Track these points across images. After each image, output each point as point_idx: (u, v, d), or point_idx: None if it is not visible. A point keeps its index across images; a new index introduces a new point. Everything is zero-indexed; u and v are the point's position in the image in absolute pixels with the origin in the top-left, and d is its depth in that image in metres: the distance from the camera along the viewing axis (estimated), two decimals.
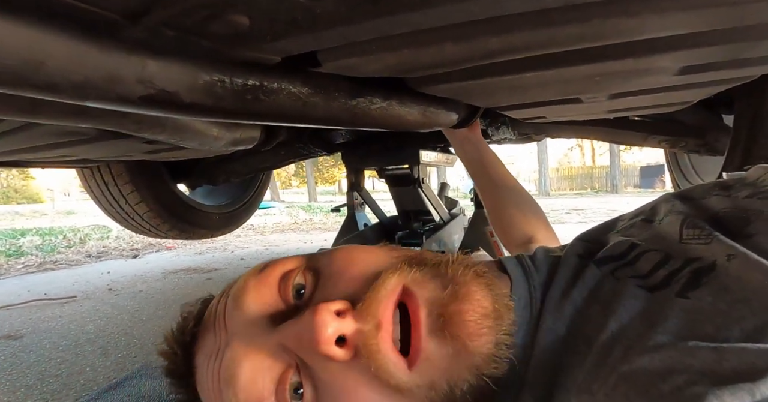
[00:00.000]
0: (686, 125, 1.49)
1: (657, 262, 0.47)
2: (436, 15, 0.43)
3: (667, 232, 0.52)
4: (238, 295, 0.50)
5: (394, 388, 0.42)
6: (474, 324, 0.42)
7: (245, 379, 0.44)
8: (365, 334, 0.42)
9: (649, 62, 0.68)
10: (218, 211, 2.52)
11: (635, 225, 0.59)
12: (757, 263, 0.40)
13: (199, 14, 0.40)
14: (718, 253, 0.43)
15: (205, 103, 0.61)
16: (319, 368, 0.43)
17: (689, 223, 0.50)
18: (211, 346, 0.50)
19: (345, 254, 0.52)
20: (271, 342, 0.45)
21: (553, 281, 0.52)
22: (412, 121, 0.92)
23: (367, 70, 0.62)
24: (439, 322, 0.42)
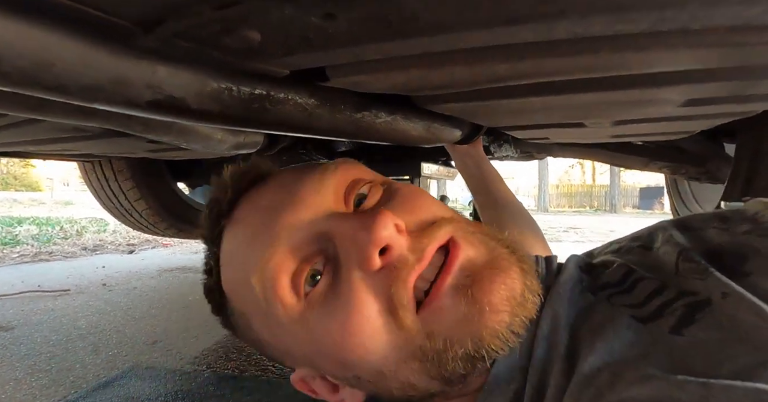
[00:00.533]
0: (688, 153, 1.50)
1: (652, 291, 0.48)
2: (449, 40, 0.43)
3: (664, 262, 0.53)
4: (322, 173, 0.53)
5: (399, 320, 0.43)
6: (499, 297, 0.43)
7: (280, 245, 0.46)
8: (405, 259, 0.43)
9: (654, 94, 0.69)
10: None
11: (632, 250, 0.60)
12: (751, 304, 0.40)
13: (213, 28, 0.40)
14: (713, 290, 0.44)
15: (211, 109, 0.61)
16: (346, 268, 0.44)
17: (686, 256, 0.51)
18: (267, 202, 0.52)
19: (418, 191, 0.54)
20: (320, 226, 0.46)
21: (554, 290, 0.53)
22: (415, 136, 0.93)
23: (374, 87, 0.62)
24: (468, 280, 0.43)
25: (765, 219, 0.54)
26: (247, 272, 0.47)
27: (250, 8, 0.36)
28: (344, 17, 0.37)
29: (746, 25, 0.41)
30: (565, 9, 0.36)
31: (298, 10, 0.36)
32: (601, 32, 0.42)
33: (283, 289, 0.45)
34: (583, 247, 4.17)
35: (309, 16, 0.37)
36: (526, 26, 0.39)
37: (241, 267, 0.49)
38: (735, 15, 0.39)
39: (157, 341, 1.45)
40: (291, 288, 0.46)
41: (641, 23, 0.40)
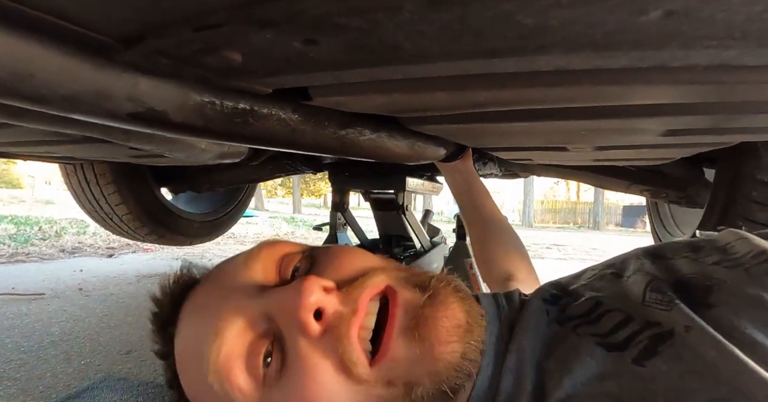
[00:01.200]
0: (669, 177, 1.52)
1: (618, 322, 0.48)
2: (431, 68, 0.43)
3: (632, 291, 0.53)
4: (246, 260, 0.53)
5: (354, 377, 0.43)
6: (445, 330, 0.44)
7: (225, 336, 0.46)
8: (341, 315, 0.44)
9: (634, 123, 0.70)
10: (200, 218, 2.50)
11: (604, 277, 0.60)
12: (712, 338, 0.40)
13: (193, 47, 0.40)
14: (677, 322, 0.44)
15: (193, 123, 0.61)
16: (290, 340, 0.44)
17: (653, 287, 0.51)
18: (202, 300, 0.52)
19: (343, 249, 0.55)
20: (257, 308, 0.47)
21: (518, 324, 0.53)
22: (400, 153, 0.93)
23: (357, 108, 0.63)
24: (413, 323, 0.44)
25: (735, 250, 0.54)
26: (202, 372, 0.47)
27: (230, 32, 0.36)
28: (326, 43, 0.37)
29: (723, 64, 0.42)
30: (546, 45, 0.36)
31: (280, 36, 0.36)
32: (581, 66, 0.43)
33: (237, 377, 0.45)
34: (565, 265, 4.22)
35: (290, 41, 0.37)
36: (507, 59, 0.39)
37: (195, 369, 0.49)
38: (712, 56, 0.40)
39: (132, 351, 1.42)
40: (247, 375, 0.45)
41: (620, 60, 0.40)
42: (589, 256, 5.32)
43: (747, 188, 1.15)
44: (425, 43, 0.36)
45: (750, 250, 0.52)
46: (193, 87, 0.57)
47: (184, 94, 0.57)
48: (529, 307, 0.55)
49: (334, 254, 0.53)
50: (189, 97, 0.58)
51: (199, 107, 0.59)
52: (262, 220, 8.86)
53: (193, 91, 0.58)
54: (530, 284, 0.96)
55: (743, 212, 1.18)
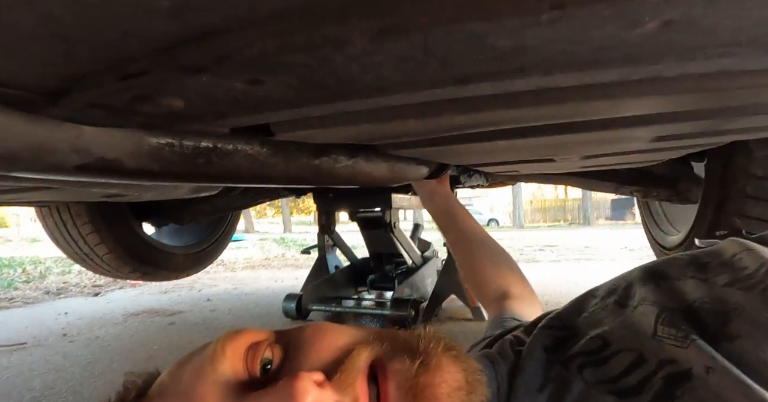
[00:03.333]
0: (658, 176, 1.49)
1: (630, 364, 0.44)
2: (397, 99, 0.39)
3: (641, 324, 0.48)
4: (211, 362, 0.46)
5: None
6: (447, 397, 0.40)
7: None
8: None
9: (624, 133, 0.66)
10: (184, 251, 2.42)
11: (607, 307, 0.55)
12: (738, 382, 0.36)
13: (125, 97, 0.35)
14: (696, 362, 0.39)
15: (151, 168, 0.55)
16: None
17: (665, 319, 0.46)
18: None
19: (316, 328, 0.49)
20: None
21: (519, 374, 0.49)
22: (379, 177, 0.88)
23: (324, 140, 0.58)
24: (409, 395, 0.40)
25: (743, 264, 0.50)
26: None
27: (160, 78, 0.31)
28: (273, 82, 0.32)
29: (723, 71, 0.38)
30: (524, 67, 0.31)
31: (218, 78, 0.31)
32: (566, 83, 0.38)
33: None
34: (560, 267, 4.19)
35: (232, 82, 0.32)
36: (481, 85, 0.34)
37: None
38: (712, 64, 0.35)
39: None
40: None
41: (609, 75, 0.36)
42: (583, 254, 5.30)
43: (740, 183, 1.13)
44: (385, 74, 0.32)
45: (760, 264, 0.48)
46: (147, 131, 0.52)
47: (137, 138, 0.52)
48: (529, 357, 0.50)
49: (308, 337, 0.48)
50: (143, 142, 0.52)
51: (155, 151, 0.54)
52: (252, 243, 8.75)
53: (147, 134, 0.52)
54: (526, 298, 0.93)
55: (738, 208, 1.15)
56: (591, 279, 3.30)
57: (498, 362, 0.53)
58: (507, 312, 0.85)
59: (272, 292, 3.28)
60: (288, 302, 1.99)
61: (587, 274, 3.67)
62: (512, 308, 0.87)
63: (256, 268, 5.16)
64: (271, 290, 3.39)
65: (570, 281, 3.25)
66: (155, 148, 0.54)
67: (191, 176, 0.62)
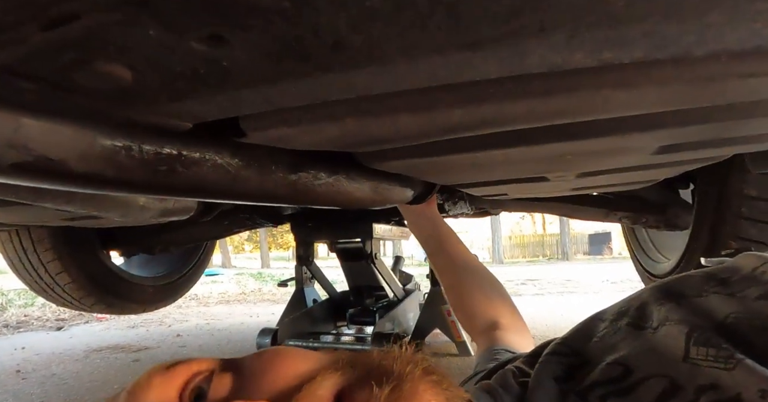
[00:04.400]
0: (646, 201, 1.46)
1: (662, 392, 0.37)
2: (389, 77, 0.33)
3: (667, 346, 0.42)
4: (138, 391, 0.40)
5: None
6: None
7: None
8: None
9: (627, 141, 0.61)
10: (153, 282, 2.30)
11: (620, 330, 0.49)
12: None
13: (55, 60, 0.28)
14: (746, 385, 0.34)
15: (103, 174, 0.48)
16: None
17: (699, 338, 0.40)
18: None
19: (274, 352, 0.43)
20: None
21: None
22: (361, 198, 0.82)
23: (304, 143, 0.52)
24: None
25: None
26: None
27: (96, 29, 0.24)
28: (239, 42, 0.26)
29: (756, 49, 0.33)
30: (545, 25, 0.26)
31: (170, 33, 0.25)
32: (583, 63, 0.33)
33: None
34: (544, 300, 4.13)
35: (187, 40, 0.26)
36: (492, 52, 0.29)
37: None
38: (751, 34, 0.30)
39: None
40: None
41: (635, 50, 0.31)
42: (566, 288, 5.26)
43: (735, 205, 1.10)
44: (378, 34, 0.26)
45: None
46: (101, 128, 0.45)
47: (88, 138, 0.44)
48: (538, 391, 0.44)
49: (264, 363, 0.41)
50: (95, 142, 0.45)
51: (110, 154, 0.46)
52: (228, 278, 8.52)
53: (101, 133, 0.45)
54: (517, 329, 0.87)
55: (734, 230, 1.12)
56: (576, 311, 3.25)
57: (500, 395, 0.46)
58: (498, 343, 0.79)
59: (247, 327, 3.14)
60: (262, 338, 1.89)
61: (572, 306, 3.62)
62: (504, 339, 0.81)
63: (231, 302, 4.99)
64: (245, 326, 3.24)
65: (555, 314, 3.19)
66: (110, 151, 0.46)
67: (151, 186, 0.54)
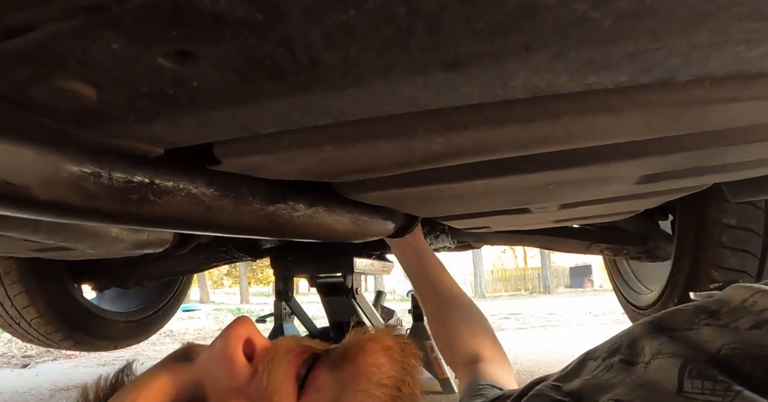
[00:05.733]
0: (627, 233, 1.47)
1: None
2: (367, 99, 0.31)
3: (659, 380, 0.41)
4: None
5: None
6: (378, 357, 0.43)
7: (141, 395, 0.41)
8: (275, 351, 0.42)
9: (611, 170, 0.61)
10: (125, 318, 2.22)
11: (613, 368, 0.48)
12: None
13: (12, 74, 0.26)
14: None
15: (69, 202, 0.45)
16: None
17: (693, 371, 0.39)
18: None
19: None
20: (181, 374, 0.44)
21: None
22: (342, 231, 0.80)
23: (280, 172, 0.50)
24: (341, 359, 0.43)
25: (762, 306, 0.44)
26: None
27: (54, 41, 0.23)
28: (208, 59, 0.25)
29: (741, 72, 0.33)
30: (530, 44, 0.25)
31: (134, 46, 0.23)
32: (567, 87, 0.32)
33: None
34: (527, 334, 4.09)
35: (154, 55, 0.24)
36: (475, 73, 0.28)
37: None
38: (734, 58, 0.30)
39: None
40: None
41: (621, 71, 0.30)
42: (549, 322, 5.23)
43: (715, 234, 1.12)
44: (355, 49, 0.25)
45: None
46: (67, 153, 0.42)
47: (53, 162, 0.41)
48: None
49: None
50: (61, 168, 0.42)
51: (76, 180, 0.43)
52: (206, 314, 8.32)
53: (67, 158, 0.42)
54: (499, 361, 0.87)
55: (715, 259, 1.14)
56: (560, 345, 3.22)
57: None
58: (482, 378, 0.78)
59: None
60: None
61: (556, 340, 3.59)
62: (487, 373, 0.80)
63: (208, 339, 4.84)
64: None
65: (539, 348, 3.16)
66: (76, 177, 0.44)
67: (121, 216, 0.52)
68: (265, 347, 0.43)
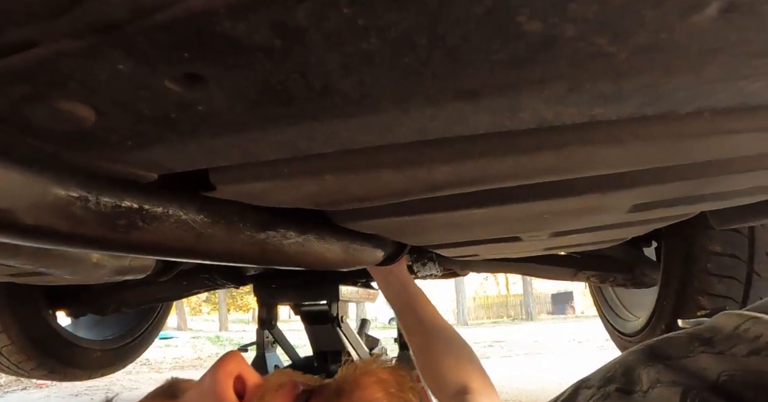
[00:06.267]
0: (613, 260, 1.48)
1: None
2: (376, 128, 0.31)
3: None
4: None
5: None
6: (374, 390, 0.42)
7: None
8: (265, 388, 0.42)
9: (605, 200, 0.61)
10: (102, 346, 2.14)
11: (610, 396, 0.47)
12: None
13: (9, 93, 0.25)
14: None
15: (55, 227, 0.43)
16: None
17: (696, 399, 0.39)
18: None
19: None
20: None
21: None
22: (332, 259, 0.79)
23: (277, 200, 0.49)
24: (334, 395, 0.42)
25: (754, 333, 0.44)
26: None
27: (53, 58, 0.22)
28: (218, 83, 0.24)
29: (741, 105, 0.33)
30: (545, 77, 0.25)
31: (142, 68, 0.22)
32: (572, 119, 0.32)
33: None
34: (512, 362, 4.05)
35: (161, 78, 0.23)
36: (486, 104, 0.27)
37: None
38: (737, 91, 0.30)
39: None
40: None
41: (628, 103, 0.30)
42: (532, 349, 5.21)
43: (702, 261, 1.14)
44: (371, 78, 0.24)
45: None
46: (54, 176, 0.41)
47: (40, 186, 0.40)
48: None
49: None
50: (47, 191, 0.40)
51: (63, 205, 0.41)
52: (183, 342, 8.11)
53: (54, 181, 0.41)
54: (486, 392, 0.85)
55: (702, 286, 1.15)
56: (546, 373, 3.20)
57: None
58: None
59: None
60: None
61: (541, 368, 3.56)
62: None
63: (186, 368, 4.72)
64: None
65: (526, 376, 3.13)
66: (63, 202, 0.42)
67: (108, 243, 0.50)
68: (255, 384, 0.42)
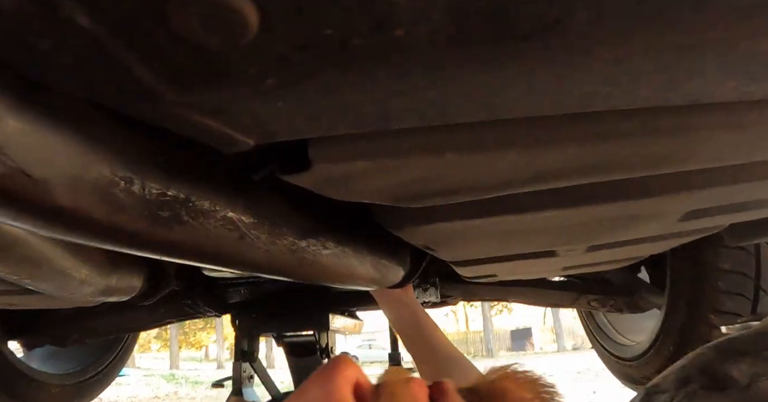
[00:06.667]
0: (614, 284, 1.49)
1: None
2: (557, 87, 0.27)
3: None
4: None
5: None
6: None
7: None
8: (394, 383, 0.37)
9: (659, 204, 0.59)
10: (60, 381, 1.95)
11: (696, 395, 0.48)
12: None
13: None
14: None
15: (92, 212, 0.35)
16: None
17: None
18: None
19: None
20: None
21: None
22: (361, 274, 0.76)
23: (363, 189, 0.44)
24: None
25: None
26: None
27: None
28: None
29: None
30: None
31: None
32: (725, 96, 0.30)
33: None
34: None
35: None
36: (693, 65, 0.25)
37: None
38: None
39: None
40: None
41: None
42: None
43: (712, 279, 1.14)
44: (603, 11, 0.21)
45: None
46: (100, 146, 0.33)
47: (84, 156, 0.32)
48: None
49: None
50: (90, 167, 0.33)
51: (105, 185, 0.33)
52: (136, 379, 7.66)
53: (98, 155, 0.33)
54: None
55: (712, 305, 1.16)
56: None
57: None
58: None
59: None
60: None
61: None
62: None
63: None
64: None
65: None
66: (105, 182, 0.33)
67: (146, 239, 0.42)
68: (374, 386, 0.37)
